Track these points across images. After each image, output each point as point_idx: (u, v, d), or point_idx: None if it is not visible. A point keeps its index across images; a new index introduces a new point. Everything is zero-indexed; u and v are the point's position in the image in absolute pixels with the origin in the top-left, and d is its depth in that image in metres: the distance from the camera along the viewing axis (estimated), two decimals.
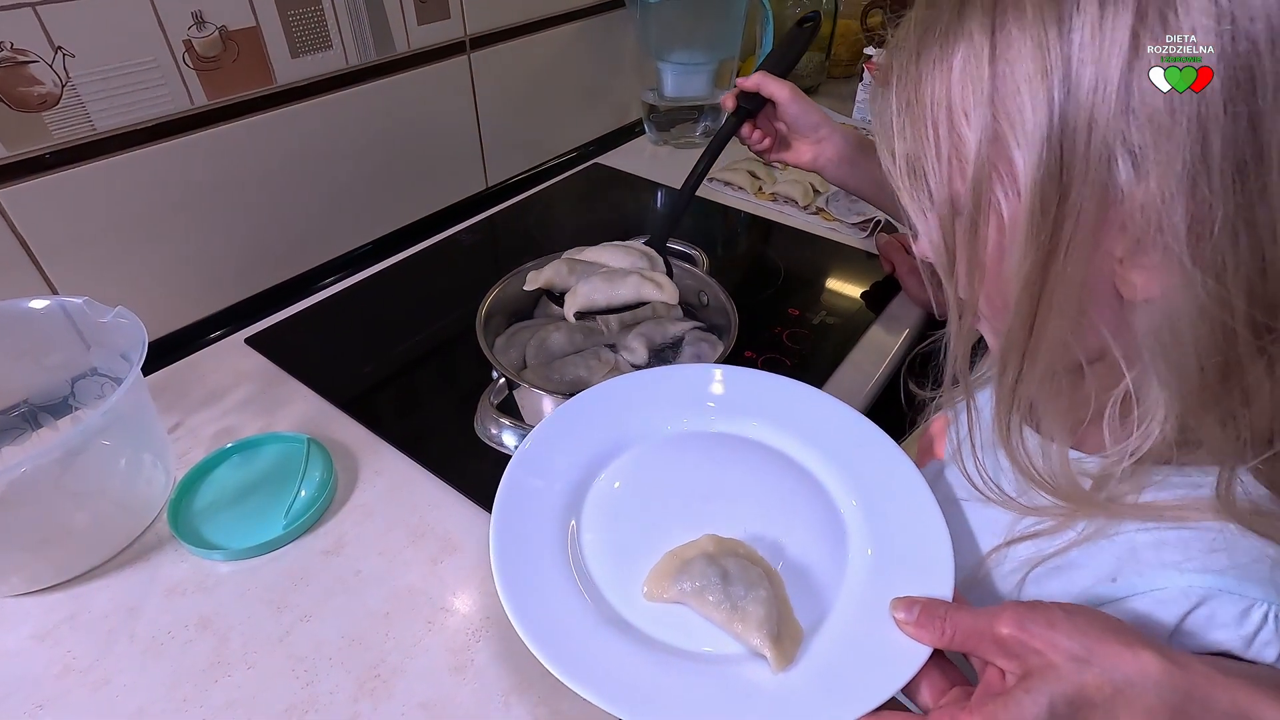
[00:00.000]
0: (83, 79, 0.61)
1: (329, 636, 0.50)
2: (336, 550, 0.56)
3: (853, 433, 0.50)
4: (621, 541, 0.44)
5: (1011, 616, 0.32)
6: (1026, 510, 0.40)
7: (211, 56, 0.68)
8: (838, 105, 1.33)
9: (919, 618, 0.36)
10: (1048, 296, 0.33)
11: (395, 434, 0.65)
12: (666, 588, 0.40)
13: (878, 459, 0.48)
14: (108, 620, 0.51)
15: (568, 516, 0.45)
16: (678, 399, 0.52)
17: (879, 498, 0.45)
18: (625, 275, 0.62)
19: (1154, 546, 0.36)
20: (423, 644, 0.50)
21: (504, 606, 0.39)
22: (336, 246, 0.89)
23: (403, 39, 0.84)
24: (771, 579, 0.41)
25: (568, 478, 0.47)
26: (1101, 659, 0.29)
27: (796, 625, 0.39)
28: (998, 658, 0.32)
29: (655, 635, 0.39)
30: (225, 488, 0.60)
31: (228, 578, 0.54)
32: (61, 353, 0.60)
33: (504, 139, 1.04)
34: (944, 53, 0.34)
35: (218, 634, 0.50)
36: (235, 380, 0.72)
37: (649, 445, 0.50)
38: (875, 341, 0.78)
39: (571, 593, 0.41)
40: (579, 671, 0.36)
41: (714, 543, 0.42)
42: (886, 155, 0.37)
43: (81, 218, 0.66)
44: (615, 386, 0.53)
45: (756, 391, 0.53)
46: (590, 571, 0.42)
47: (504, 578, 0.40)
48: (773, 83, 0.69)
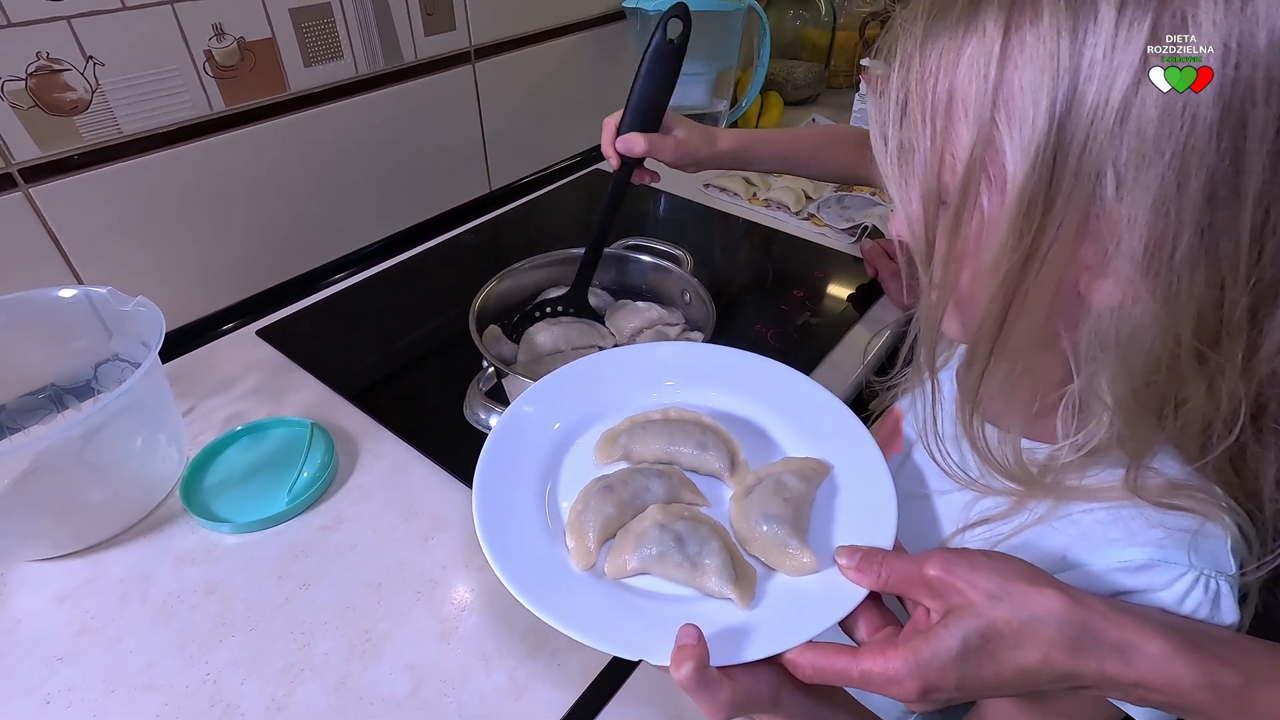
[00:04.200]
0: (111, 86, 0.66)
1: (325, 604, 0.54)
2: (335, 526, 0.60)
3: (807, 396, 0.53)
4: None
5: (939, 560, 0.34)
6: (987, 491, 0.43)
7: (230, 65, 0.73)
8: (836, 115, 1.36)
9: (859, 563, 0.38)
10: (1021, 296, 0.34)
11: (394, 421, 0.69)
12: (627, 561, 0.43)
13: (830, 420, 0.51)
14: (123, 585, 0.55)
15: (544, 481, 0.48)
16: (644, 374, 0.55)
17: (830, 453, 0.48)
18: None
19: (1099, 525, 0.39)
20: (411, 613, 0.54)
21: (486, 556, 0.41)
22: (345, 245, 0.94)
23: (410, 49, 0.88)
24: (718, 531, 0.44)
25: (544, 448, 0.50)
26: (1012, 596, 0.32)
27: (749, 567, 0.42)
28: (925, 598, 0.35)
29: (625, 580, 0.42)
30: (234, 467, 0.64)
31: (233, 549, 0.58)
32: (85, 339, 0.65)
33: (507, 145, 1.08)
34: (953, 44, 0.33)
35: (223, 600, 0.54)
36: (246, 369, 0.76)
37: (620, 415, 0.53)
38: (856, 342, 0.81)
39: (546, 542, 0.44)
40: (559, 613, 0.38)
41: (660, 511, 0.45)
42: (878, 138, 0.37)
43: (107, 214, 0.70)
44: (588, 363, 0.56)
45: (717, 364, 0.56)
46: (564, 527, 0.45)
47: (486, 531, 0.42)
48: (637, 143, 0.66)
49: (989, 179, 0.34)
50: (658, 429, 0.50)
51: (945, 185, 0.35)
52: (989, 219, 0.34)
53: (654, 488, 0.46)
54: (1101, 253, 0.32)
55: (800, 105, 1.44)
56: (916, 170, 0.36)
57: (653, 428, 0.50)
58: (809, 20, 1.42)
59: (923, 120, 0.35)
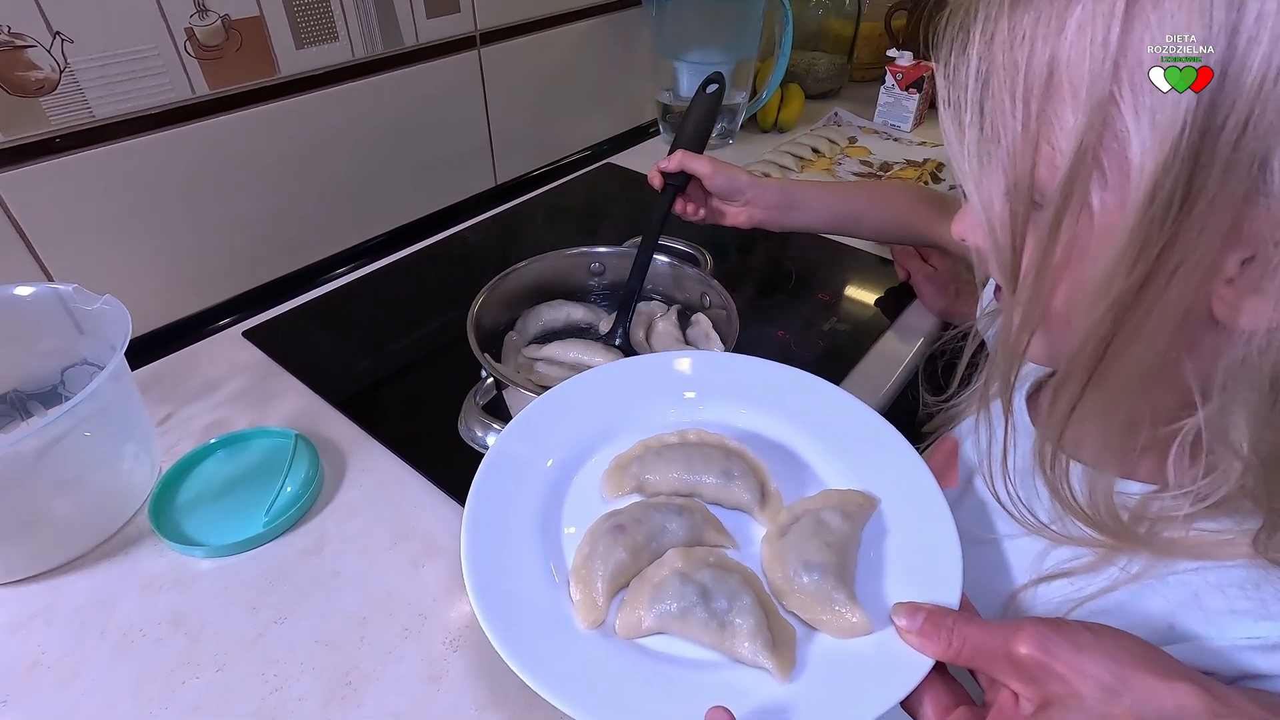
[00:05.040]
0: (81, 65, 0.60)
1: (302, 640, 0.49)
2: (317, 550, 0.54)
3: (846, 415, 0.47)
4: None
5: (1032, 635, 0.28)
6: (1062, 539, 0.36)
7: (214, 45, 0.68)
8: (859, 109, 1.30)
9: (923, 626, 0.32)
10: (1136, 319, 0.28)
11: (386, 433, 0.63)
12: (642, 617, 0.36)
13: (874, 444, 0.44)
14: (81, 614, 0.50)
15: (548, 513, 0.42)
16: (658, 387, 0.50)
17: (878, 489, 0.42)
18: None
19: (1218, 590, 0.32)
20: (397, 651, 0.48)
21: (474, 608, 0.36)
22: (339, 241, 0.88)
23: (411, 32, 0.83)
24: (749, 583, 0.38)
25: (547, 475, 0.44)
26: (1134, 689, 0.26)
27: (786, 626, 0.36)
28: (1012, 680, 0.29)
29: (641, 640, 0.37)
30: (210, 482, 0.59)
31: (205, 575, 0.53)
32: (52, 340, 0.59)
33: (514, 136, 1.03)
34: (1056, 7, 0.27)
35: (190, 633, 0.49)
36: (230, 373, 0.71)
37: (632, 438, 0.47)
38: (888, 350, 0.75)
39: (547, 593, 0.38)
40: (558, 683, 0.33)
41: (681, 556, 0.39)
42: (952, 126, 0.31)
43: (79, 205, 0.65)
44: (596, 376, 0.50)
45: (742, 377, 0.50)
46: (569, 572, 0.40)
47: (476, 578, 0.37)
48: (693, 160, 0.67)
49: (1103, 174, 0.27)
50: (675, 455, 0.44)
51: (1041, 182, 0.29)
52: (1101, 224, 0.28)
53: (673, 527, 0.41)
54: (1256, 264, 0.26)
55: (821, 99, 1.38)
56: (1002, 163, 0.29)
57: (669, 453, 0.45)
58: (831, 10, 1.36)
59: (1012, 101, 0.28)
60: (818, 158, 1.14)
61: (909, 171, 1.09)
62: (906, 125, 1.24)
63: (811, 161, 1.13)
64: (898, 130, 1.24)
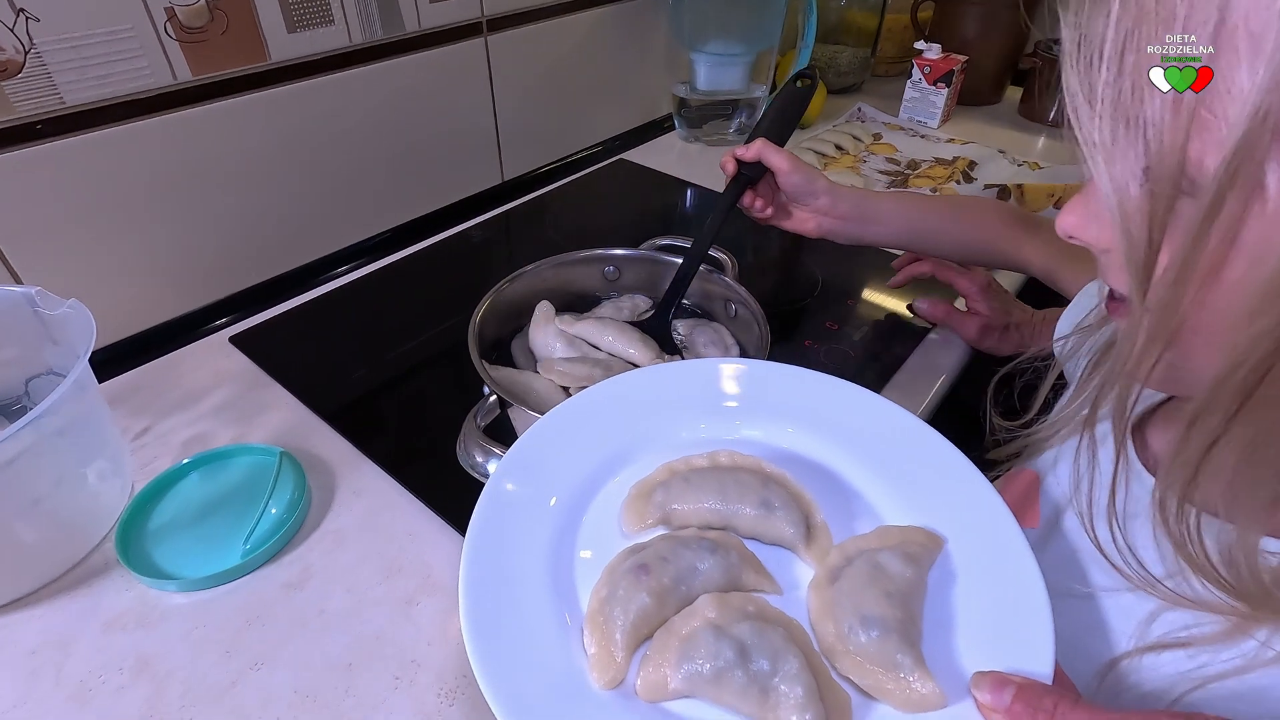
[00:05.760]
0: (49, 46, 0.55)
1: (280, 690, 0.43)
2: (301, 584, 0.49)
3: (903, 436, 0.41)
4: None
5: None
6: (1177, 601, 0.30)
7: (197, 27, 0.62)
8: (883, 104, 1.24)
9: (1013, 706, 0.27)
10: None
11: (380, 451, 0.58)
12: (668, 677, 0.31)
13: (937, 472, 0.39)
14: (34, 657, 0.45)
15: (560, 548, 0.37)
16: (690, 399, 0.44)
17: (943, 526, 0.36)
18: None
19: None
20: (387, 704, 0.43)
21: (471, 661, 0.31)
22: (334, 241, 0.83)
23: (413, 17, 0.77)
24: (795, 640, 0.32)
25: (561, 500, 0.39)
26: None
27: (842, 693, 0.31)
28: None
29: (667, 704, 0.31)
30: (186, 505, 0.54)
31: (175, 611, 0.47)
32: (13, 348, 0.54)
33: (522, 130, 0.97)
34: None
35: (155, 680, 0.44)
36: (215, 382, 0.65)
37: (659, 456, 0.41)
38: (924, 362, 0.69)
39: (558, 643, 0.33)
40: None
41: (715, 605, 0.33)
42: (1080, 88, 0.25)
43: (48, 200, 0.60)
44: (613, 387, 0.45)
45: (789, 390, 0.44)
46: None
47: (474, 624, 0.32)
48: (773, 153, 0.61)
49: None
50: (705, 480, 0.39)
51: (1194, 164, 0.23)
52: (1277, 212, 0.22)
53: (704, 567, 0.35)
54: None
55: (843, 94, 1.32)
56: (1143, 138, 0.24)
57: (698, 479, 0.39)
58: (855, 2, 1.30)
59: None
60: (841, 155, 1.08)
61: (938, 170, 1.03)
62: (934, 121, 1.18)
63: (835, 159, 1.07)
64: (924, 126, 1.18)
